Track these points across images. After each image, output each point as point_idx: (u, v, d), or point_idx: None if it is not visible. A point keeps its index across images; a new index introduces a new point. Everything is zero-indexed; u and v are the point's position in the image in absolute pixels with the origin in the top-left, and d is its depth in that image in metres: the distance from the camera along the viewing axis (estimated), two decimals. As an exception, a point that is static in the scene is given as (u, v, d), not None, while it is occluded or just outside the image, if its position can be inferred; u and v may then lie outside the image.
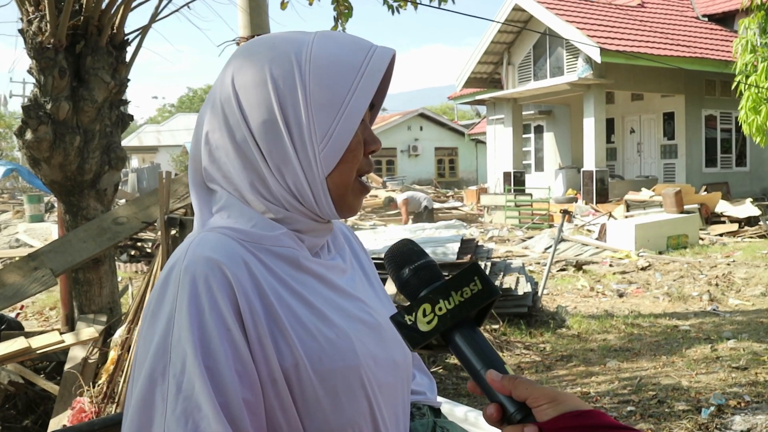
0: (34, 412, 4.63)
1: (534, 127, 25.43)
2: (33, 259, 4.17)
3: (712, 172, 21.05)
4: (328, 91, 1.03)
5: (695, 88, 20.44)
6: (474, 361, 0.90)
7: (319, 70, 1.04)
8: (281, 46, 1.07)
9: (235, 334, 0.96)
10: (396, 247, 0.99)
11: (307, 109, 1.03)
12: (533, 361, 6.16)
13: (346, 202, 1.10)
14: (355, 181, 1.09)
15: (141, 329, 1.02)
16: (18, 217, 22.82)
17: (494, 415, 0.86)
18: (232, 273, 0.98)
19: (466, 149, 39.32)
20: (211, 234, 1.04)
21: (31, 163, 4.70)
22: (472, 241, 8.42)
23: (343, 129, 1.04)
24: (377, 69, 1.05)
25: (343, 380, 1.03)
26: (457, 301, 0.90)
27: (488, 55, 22.14)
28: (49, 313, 8.46)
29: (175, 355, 0.94)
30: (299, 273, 1.08)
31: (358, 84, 1.04)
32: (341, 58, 1.05)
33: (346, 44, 1.07)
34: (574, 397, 0.86)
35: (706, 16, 22.41)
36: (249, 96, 1.05)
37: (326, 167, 1.05)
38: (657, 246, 12.62)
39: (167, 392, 0.93)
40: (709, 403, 4.74)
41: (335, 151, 1.04)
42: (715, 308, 8.11)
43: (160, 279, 1.02)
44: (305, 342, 1.01)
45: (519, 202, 19.57)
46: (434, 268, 0.96)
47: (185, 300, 0.96)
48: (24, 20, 4.61)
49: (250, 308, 0.98)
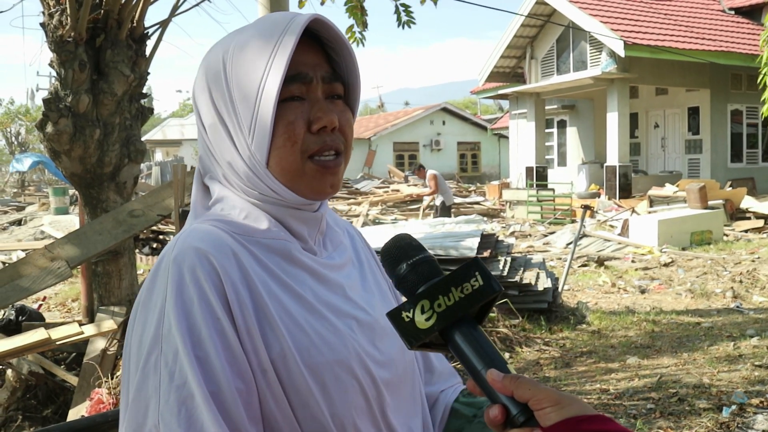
0: (53, 403, 4.67)
1: (557, 122, 25.27)
2: (49, 251, 4.21)
3: (737, 168, 20.81)
4: (245, 80, 1.04)
5: (721, 83, 20.20)
6: (474, 360, 0.87)
7: (237, 63, 1.05)
8: (215, 49, 1.10)
9: (224, 323, 0.96)
10: (392, 241, 0.97)
11: (233, 104, 1.05)
12: (552, 357, 6.12)
13: (304, 185, 1.07)
14: (303, 162, 1.06)
15: (131, 320, 1.02)
16: (43, 209, 23.08)
17: (498, 418, 0.83)
18: (219, 263, 0.98)
19: (488, 144, 39.17)
20: (201, 225, 1.05)
21: (52, 155, 4.74)
22: (492, 236, 8.38)
23: (262, 114, 1.03)
24: (288, 40, 1.03)
25: (331, 373, 1.02)
26: (457, 298, 0.87)
27: (511, 49, 22.03)
28: (72, 305, 8.54)
29: (167, 345, 0.95)
30: (291, 266, 1.07)
31: (270, 65, 1.03)
32: (256, 44, 1.05)
33: (263, 27, 1.06)
34: (578, 401, 0.82)
35: (732, 9, 22.11)
36: (200, 101, 1.11)
37: (260, 156, 1.05)
38: (680, 242, 12.49)
39: (160, 382, 0.94)
40: (730, 401, 4.67)
41: (261, 138, 1.04)
42: (738, 305, 8.00)
43: (151, 271, 1.02)
44: (294, 334, 1.01)
45: (541, 197, 19.43)
46: (433, 263, 0.94)
47: (174, 291, 0.96)
48: (45, 14, 4.64)
49: (238, 298, 0.98)
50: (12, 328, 5.11)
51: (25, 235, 16.19)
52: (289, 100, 1.05)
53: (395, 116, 40.80)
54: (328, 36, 1.09)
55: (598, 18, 18.33)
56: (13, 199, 32.16)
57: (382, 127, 37.45)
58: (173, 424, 0.91)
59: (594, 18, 18.31)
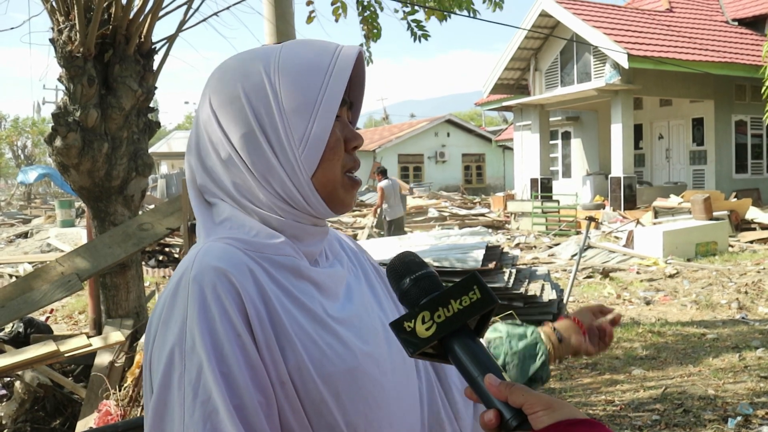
0: (62, 414, 4.70)
1: (561, 133, 25.31)
2: (60, 264, 4.25)
3: (742, 179, 20.80)
4: (298, 95, 1.08)
5: (725, 93, 20.22)
6: (471, 368, 0.91)
7: (288, 77, 1.09)
8: (250, 61, 1.13)
9: (245, 339, 1.00)
10: (397, 258, 1.02)
11: (282, 116, 1.08)
12: (557, 368, 6.12)
13: (338, 198, 1.14)
14: (342, 177, 1.13)
15: (148, 337, 1.05)
16: (50, 221, 23.17)
17: (493, 421, 0.87)
18: (238, 281, 1.02)
19: (493, 155, 39.20)
20: (216, 244, 1.08)
21: (61, 169, 4.79)
22: (497, 247, 8.40)
23: (319, 129, 1.08)
24: (344, 67, 1.10)
25: (344, 382, 1.07)
26: (455, 309, 0.92)
27: (515, 61, 22.11)
28: (78, 317, 8.58)
29: (190, 362, 0.98)
30: (299, 281, 1.11)
31: (327, 84, 1.08)
32: (308, 62, 1.10)
33: (311, 49, 1.12)
34: (569, 406, 0.87)
35: (736, 20, 22.16)
36: (226, 113, 1.11)
37: (309, 168, 1.09)
38: (685, 253, 12.48)
39: (184, 398, 0.97)
40: (736, 412, 4.68)
41: (314, 151, 1.08)
42: (744, 316, 8.00)
43: (169, 288, 1.05)
44: (307, 346, 1.05)
45: (546, 208, 19.43)
46: (434, 278, 0.99)
47: (195, 308, 1.00)
48: (55, 30, 4.70)
49: (257, 314, 1.02)
50: (21, 341, 5.15)
51: (31, 248, 16.26)
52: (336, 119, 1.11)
53: (400, 128, 40.88)
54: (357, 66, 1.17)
55: (601, 30, 18.40)
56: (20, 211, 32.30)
57: (387, 139, 37.53)
58: None
59: (597, 30, 18.38)
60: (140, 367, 4.15)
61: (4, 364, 4.05)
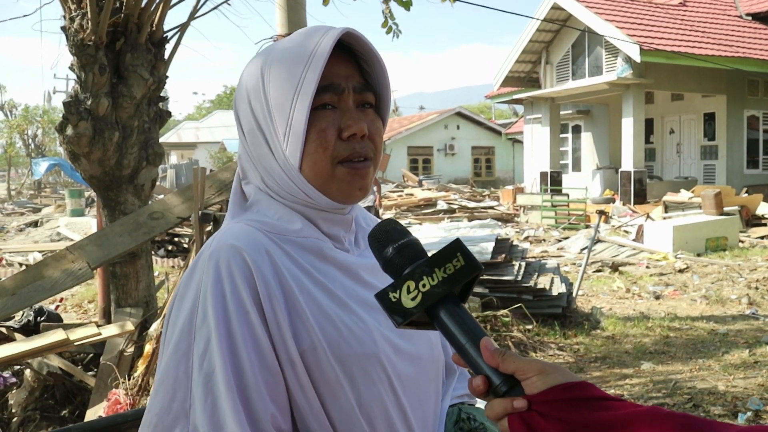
0: (71, 403, 4.71)
1: (572, 127, 25.21)
2: (70, 253, 4.25)
3: (753, 174, 20.66)
4: (280, 89, 1.10)
5: (737, 88, 20.08)
6: (459, 335, 0.91)
7: (274, 73, 1.11)
8: (256, 60, 1.17)
9: (252, 317, 1.02)
10: (379, 227, 1.01)
11: (270, 112, 1.11)
12: (566, 362, 6.11)
13: (333, 189, 1.13)
14: (332, 167, 1.12)
15: (168, 310, 1.09)
16: (60, 211, 23.26)
17: (480, 387, 0.88)
18: (252, 259, 1.04)
19: (503, 148, 39.11)
20: (237, 225, 1.12)
21: (71, 158, 4.79)
22: (507, 240, 8.37)
23: (295, 122, 1.09)
24: (321, 53, 1.08)
25: (360, 366, 1.07)
26: (440, 277, 0.92)
27: (526, 54, 22.00)
28: (88, 306, 8.61)
29: (199, 335, 1.01)
30: (322, 263, 1.13)
31: (305, 74, 1.08)
32: (291, 54, 1.11)
33: (298, 39, 1.13)
34: (562, 369, 0.87)
35: (750, 14, 21.97)
36: (240, 110, 1.17)
37: (293, 161, 1.11)
38: (695, 248, 12.43)
39: (191, 369, 1.00)
40: (746, 408, 4.66)
41: (295, 145, 1.10)
42: (754, 312, 7.96)
43: (189, 266, 1.10)
44: (324, 327, 1.06)
45: (555, 202, 19.39)
46: (417, 246, 0.98)
47: (209, 284, 1.03)
48: (66, 18, 4.70)
49: (269, 293, 1.03)
50: (31, 329, 5.16)
51: (41, 237, 16.32)
52: (321, 109, 1.10)
53: (410, 120, 40.80)
54: (360, 49, 1.15)
55: (614, 23, 18.28)
56: (30, 201, 32.45)
57: (397, 131, 37.48)
58: (199, 409, 0.98)
59: (610, 23, 18.25)
60: (150, 356, 4.16)
61: (14, 352, 4.06)
